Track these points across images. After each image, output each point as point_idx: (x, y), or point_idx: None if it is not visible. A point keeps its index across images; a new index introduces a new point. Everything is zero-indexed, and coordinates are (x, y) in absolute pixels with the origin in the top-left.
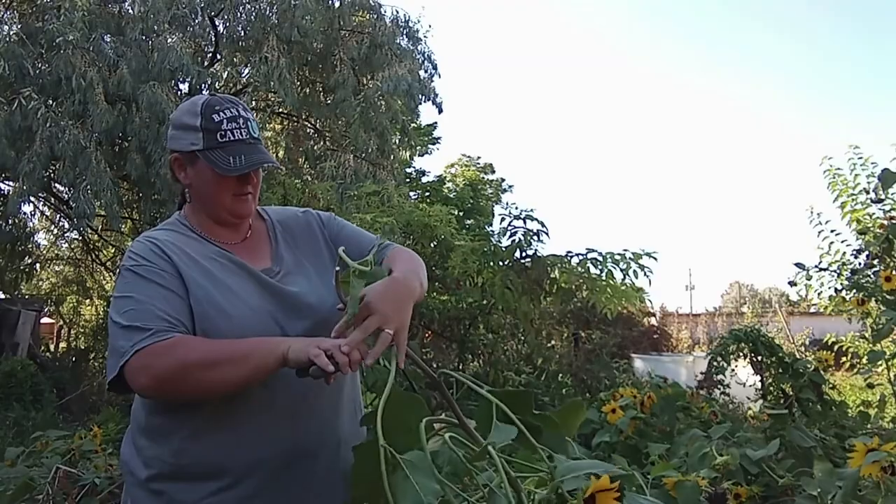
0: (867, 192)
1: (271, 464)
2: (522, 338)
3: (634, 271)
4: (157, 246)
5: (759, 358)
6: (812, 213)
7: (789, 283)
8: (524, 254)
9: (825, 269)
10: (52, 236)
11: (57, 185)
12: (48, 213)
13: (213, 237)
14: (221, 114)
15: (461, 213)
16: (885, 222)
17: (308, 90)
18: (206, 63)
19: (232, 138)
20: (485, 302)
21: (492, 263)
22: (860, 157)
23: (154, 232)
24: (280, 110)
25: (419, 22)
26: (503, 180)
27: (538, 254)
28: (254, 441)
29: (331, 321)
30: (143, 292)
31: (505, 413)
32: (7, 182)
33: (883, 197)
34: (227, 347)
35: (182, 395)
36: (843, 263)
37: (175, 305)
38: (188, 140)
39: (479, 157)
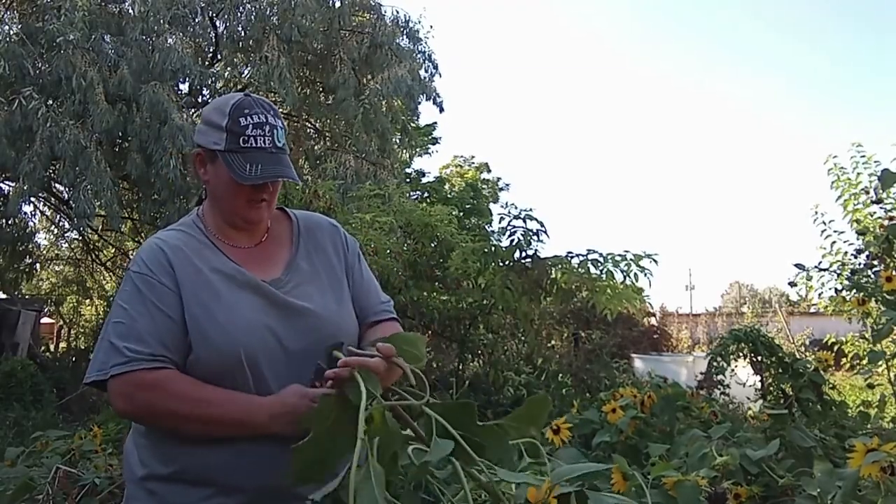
0: (867, 193)
1: (263, 488)
2: (522, 338)
3: (635, 273)
4: (165, 254)
5: (759, 358)
6: (817, 212)
7: (789, 283)
8: (524, 254)
9: (825, 270)
10: (52, 236)
11: (57, 185)
12: (48, 214)
13: (228, 240)
14: (249, 118)
15: (461, 214)
16: (886, 222)
17: (308, 90)
18: (206, 63)
19: (254, 145)
20: (485, 302)
21: (492, 263)
22: (863, 156)
23: (167, 233)
24: (280, 110)
25: (419, 22)
26: (499, 179)
27: (538, 254)
28: (250, 462)
29: (336, 338)
30: (137, 308)
31: (445, 427)
32: (7, 182)
33: (883, 197)
34: (218, 410)
35: (158, 428)
36: (844, 263)
37: (163, 328)
38: (212, 138)
39: (473, 157)
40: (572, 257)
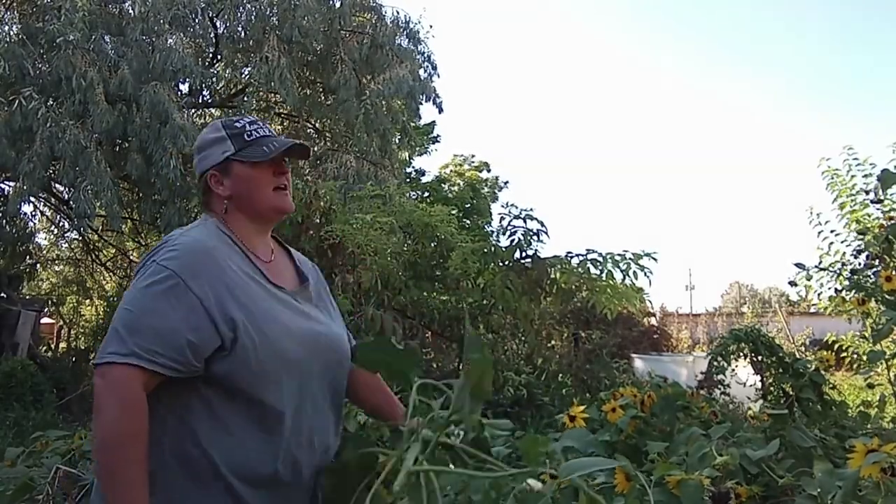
0: (866, 193)
1: (280, 478)
2: (522, 338)
3: (634, 272)
4: (211, 256)
5: (759, 358)
6: (812, 213)
7: (789, 283)
8: (524, 254)
9: (825, 270)
10: (52, 236)
11: (57, 185)
12: (48, 214)
13: (254, 250)
14: (241, 121)
15: (461, 214)
16: (885, 222)
17: (309, 90)
18: (206, 63)
19: (259, 135)
20: (485, 302)
21: (492, 264)
22: (855, 159)
23: (197, 233)
24: (281, 111)
25: (419, 23)
26: (497, 178)
27: (538, 254)
28: (266, 454)
29: (344, 360)
30: (175, 315)
31: None
32: (7, 182)
33: (882, 197)
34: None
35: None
36: (843, 264)
37: (199, 333)
38: (219, 151)
39: (473, 156)
40: (572, 257)
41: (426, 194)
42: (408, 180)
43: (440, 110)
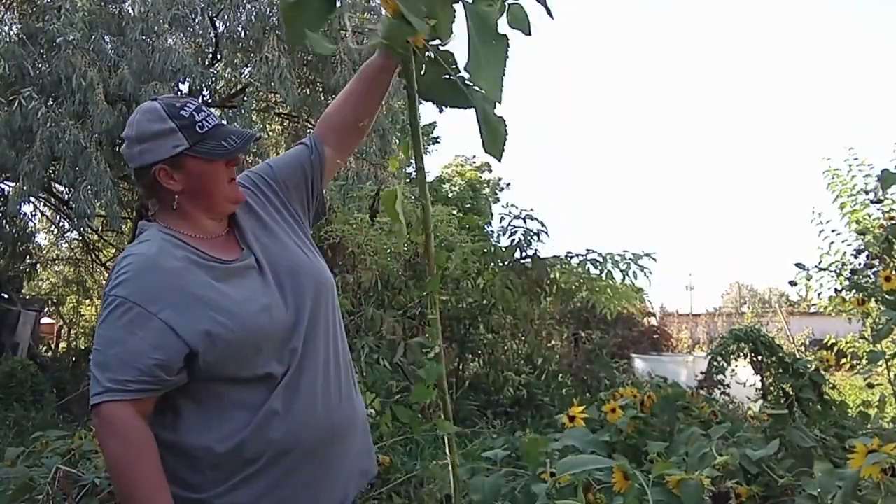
0: (866, 193)
1: (306, 446)
2: (522, 338)
3: (634, 272)
4: (156, 264)
5: (759, 358)
6: (815, 213)
7: (789, 283)
8: (524, 254)
9: (825, 269)
10: (52, 236)
11: (57, 185)
12: (48, 214)
13: (202, 233)
14: (187, 108)
15: (461, 214)
16: (885, 222)
17: (308, 90)
18: (206, 63)
19: (209, 125)
20: (485, 302)
21: (492, 264)
22: (856, 159)
23: (140, 248)
24: (281, 111)
25: None
26: (500, 179)
27: (538, 254)
28: (291, 424)
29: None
30: (135, 340)
31: None
32: (7, 182)
33: (882, 197)
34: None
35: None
36: (844, 263)
37: (168, 350)
38: (169, 144)
39: (474, 156)
40: (572, 257)
41: None
42: (408, 180)
43: (441, 110)
